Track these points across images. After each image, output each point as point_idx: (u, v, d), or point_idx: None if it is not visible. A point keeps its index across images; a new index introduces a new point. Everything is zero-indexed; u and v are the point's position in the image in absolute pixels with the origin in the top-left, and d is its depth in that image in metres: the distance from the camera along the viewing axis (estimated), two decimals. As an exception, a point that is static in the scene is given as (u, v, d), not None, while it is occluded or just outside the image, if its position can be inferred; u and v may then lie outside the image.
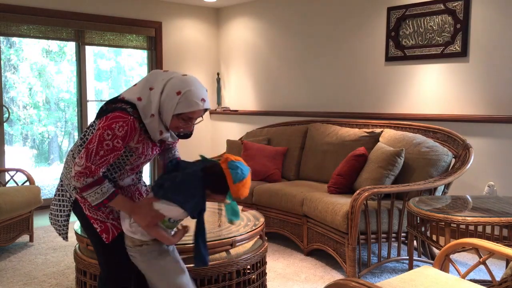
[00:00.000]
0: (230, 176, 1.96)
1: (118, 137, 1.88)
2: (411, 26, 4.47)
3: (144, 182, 2.32)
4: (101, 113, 2.01)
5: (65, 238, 2.22)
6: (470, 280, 2.40)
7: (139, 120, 1.94)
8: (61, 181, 2.16)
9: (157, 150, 2.12)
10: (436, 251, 3.69)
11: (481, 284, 1.94)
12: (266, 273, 2.95)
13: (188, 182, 1.98)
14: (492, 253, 2.04)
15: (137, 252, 2.04)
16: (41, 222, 4.83)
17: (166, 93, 1.93)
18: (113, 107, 1.96)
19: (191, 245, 2.48)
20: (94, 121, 2.06)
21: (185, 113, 1.95)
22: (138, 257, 2.05)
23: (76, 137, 5.94)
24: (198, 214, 2.05)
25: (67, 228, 2.20)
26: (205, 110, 2.00)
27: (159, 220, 1.99)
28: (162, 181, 2.02)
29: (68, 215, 2.14)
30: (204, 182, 1.99)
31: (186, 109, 1.93)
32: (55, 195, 2.17)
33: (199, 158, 2.13)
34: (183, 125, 2.00)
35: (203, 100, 1.96)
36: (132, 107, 1.95)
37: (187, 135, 2.19)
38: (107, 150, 1.88)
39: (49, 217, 2.20)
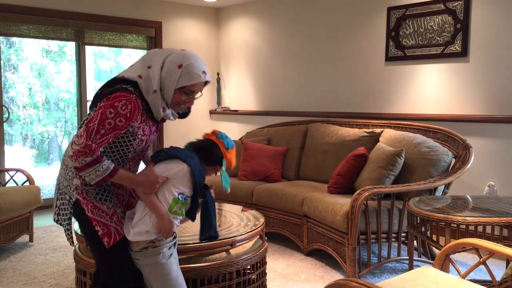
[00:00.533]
0: (223, 144, 2.06)
1: (121, 115, 1.85)
2: (411, 26, 4.47)
3: None
4: (97, 98, 1.94)
5: (72, 243, 2.14)
6: (470, 280, 2.40)
7: (141, 98, 1.93)
8: (58, 183, 2.07)
9: (156, 131, 2.10)
10: (436, 251, 3.68)
11: (481, 284, 1.94)
12: (266, 273, 2.95)
13: (185, 150, 2.06)
14: (492, 253, 2.04)
15: (142, 256, 2.01)
16: (41, 222, 4.83)
17: (167, 67, 1.93)
18: (112, 90, 1.91)
19: (191, 245, 2.49)
20: (89, 113, 1.98)
21: (187, 87, 1.96)
22: (143, 261, 2.02)
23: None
24: (204, 188, 2.04)
25: (71, 232, 2.12)
26: (206, 83, 2.03)
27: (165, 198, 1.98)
28: (159, 150, 2.05)
29: (70, 218, 2.05)
30: (198, 156, 2.04)
31: (188, 82, 1.95)
32: (55, 198, 2.10)
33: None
34: (185, 99, 2.00)
35: (204, 72, 1.99)
36: (133, 86, 1.93)
37: (186, 113, 2.15)
38: (109, 129, 1.84)
39: (56, 219, 2.09)
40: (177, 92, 1.96)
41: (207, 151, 2.06)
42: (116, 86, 1.92)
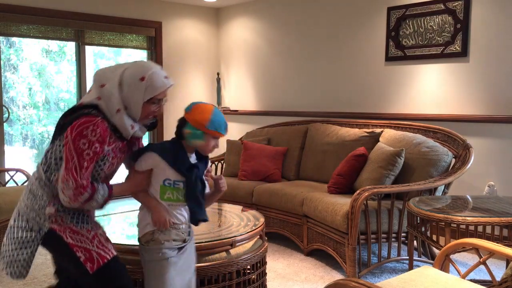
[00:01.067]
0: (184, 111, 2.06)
1: (95, 142, 1.79)
2: (411, 26, 4.47)
3: None
4: (61, 128, 1.87)
5: (25, 276, 1.96)
6: (470, 280, 2.40)
7: (107, 120, 1.86)
8: (20, 217, 1.91)
9: (127, 151, 2.05)
10: (436, 251, 3.68)
11: (481, 284, 1.94)
12: (266, 273, 2.95)
13: (158, 143, 2.14)
14: (492, 253, 2.04)
15: (143, 250, 2.08)
16: (41, 222, 4.82)
17: (128, 83, 1.87)
18: (74, 117, 1.83)
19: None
20: (52, 142, 1.89)
21: (155, 96, 1.92)
22: (144, 256, 2.08)
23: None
24: (188, 169, 2.04)
25: (30, 265, 1.97)
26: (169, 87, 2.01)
27: (153, 189, 2.04)
28: (135, 150, 2.10)
29: (34, 251, 1.92)
30: (176, 139, 2.08)
31: (156, 92, 1.91)
32: (6, 236, 1.91)
33: None
34: (155, 108, 1.96)
35: (166, 77, 1.97)
36: (95, 109, 1.86)
37: (154, 124, 2.10)
38: (89, 160, 1.79)
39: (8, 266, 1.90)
40: (146, 105, 1.91)
41: (177, 127, 2.08)
42: (77, 113, 1.84)
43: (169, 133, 6.21)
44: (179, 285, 2.09)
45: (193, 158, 2.10)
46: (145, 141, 2.40)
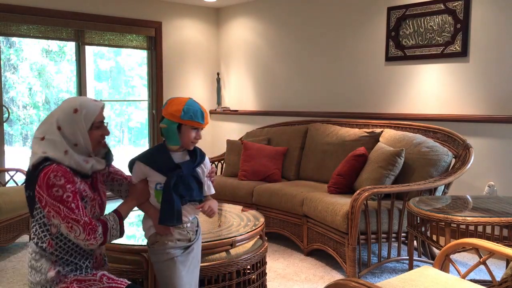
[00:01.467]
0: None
1: (65, 184, 1.79)
2: (411, 26, 4.47)
3: None
4: (31, 198, 1.87)
5: None
6: (470, 280, 2.40)
7: (61, 164, 1.85)
8: None
9: (100, 192, 2.03)
10: (436, 251, 3.68)
11: (481, 284, 1.94)
12: (266, 273, 2.95)
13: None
14: (492, 253, 2.04)
15: (151, 252, 2.11)
16: (41, 222, 4.82)
17: (67, 123, 1.86)
18: (34, 180, 1.83)
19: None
20: (32, 216, 1.90)
21: (95, 121, 1.91)
22: (152, 257, 2.11)
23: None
24: (170, 169, 2.03)
25: None
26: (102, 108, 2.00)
27: (146, 193, 2.07)
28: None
29: None
30: (162, 143, 2.11)
31: (94, 115, 1.91)
32: None
33: None
34: (102, 131, 1.96)
35: (94, 100, 1.96)
36: (45, 161, 1.84)
37: (109, 155, 2.07)
38: (73, 200, 1.79)
39: None
40: (91, 133, 1.91)
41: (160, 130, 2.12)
42: (34, 175, 1.83)
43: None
44: (189, 283, 2.09)
45: (177, 158, 2.06)
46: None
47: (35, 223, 1.89)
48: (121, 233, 1.97)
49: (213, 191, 2.18)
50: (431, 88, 4.38)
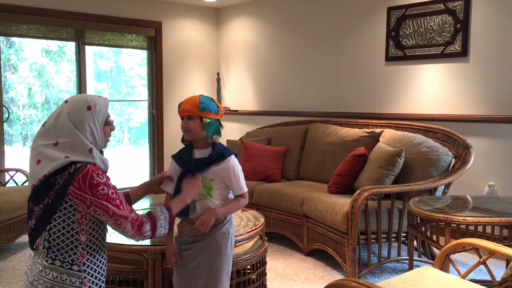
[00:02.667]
0: None
1: (107, 180, 1.74)
2: (411, 26, 4.47)
3: None
4: (47, 188, 1.73)
5: None
6: (470, 280, 2.40)
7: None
8: None
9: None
10: (436, 251, 3.68)
11: (481, 284, 1.94)
12: (266, 273, 2.95)
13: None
14: (492, 253, 2.04)
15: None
16: (41, 222, 4.82)
17: (82, 121, 1.79)
18: (68, 179, 1.72)
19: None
20: (34, 209, 1.76)
21: (107, 117, 1.90)
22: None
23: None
24: (185, 164, 2.12)
25: None
26: None
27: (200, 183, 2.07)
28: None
29: None
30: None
31: (106, 110, 1.89)
32: None
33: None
34: (111, 126, 1.93)
35: (99, 96, 1.94)
36: (71, 165, 1.75)
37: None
38: (117, 195, 1.75)
39: None
40: (104, 128, 1.88)
41: None
42: (65, 172, 1.73)
43: (169, 136, 6.21)
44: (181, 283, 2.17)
45: (198, 154, 2.12)
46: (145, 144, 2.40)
47: (52, 234, 1.72)
48: (169, 230, 1.92)
49: (216, 205, 2.12)
50: (431, 88, 4.38)
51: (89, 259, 1.76)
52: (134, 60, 6.56)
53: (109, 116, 1.93)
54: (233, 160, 2.11)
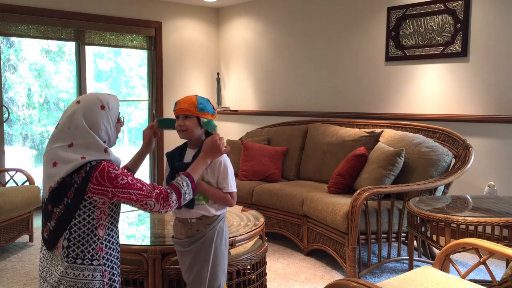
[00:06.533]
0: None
1: (123, 170, 1.79)
2: (411, 26, 4.47)
3: None
4: (65, 187, 1.75)
5: None
6: (470, 280, 2.40)
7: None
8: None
9: None
10: (436, 251, 3.68)
11: (481, 284, 1.94)
12: (266, 273, 2.95)
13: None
14: (492, 253, 2.04)
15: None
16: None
17: (97, 121, 1.79)
18: (86, 177, 1.74)
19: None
20: (53, 210, 1.77)
21: (118, 114, 1.91)
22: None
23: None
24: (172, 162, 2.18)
25: None
26: None
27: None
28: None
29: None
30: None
31: (118, 108, 1.90)
32: None
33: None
34: (121, 123, 1.95)
35: (108, 94, 1.93)
36: (87, 164, 1.76)
37: None
38: (135, 180, 1.80)
39: None
40: (117, 126, 1.90)
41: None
42: (81, 171, 1.74)
43: (169, 136, 6.21)
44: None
45: (189, 153, 2.14)
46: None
47: (73, 233, 1.75)
48: (193, 195, 1.96)
49: (212, 212, 2.13)
50: (431, 88, 4.38)
51: (108, 252, 1.81)
52: (134, 60, 6.55)
53: (120, 113, 1.94)
54: (225, 157, 2.15)
